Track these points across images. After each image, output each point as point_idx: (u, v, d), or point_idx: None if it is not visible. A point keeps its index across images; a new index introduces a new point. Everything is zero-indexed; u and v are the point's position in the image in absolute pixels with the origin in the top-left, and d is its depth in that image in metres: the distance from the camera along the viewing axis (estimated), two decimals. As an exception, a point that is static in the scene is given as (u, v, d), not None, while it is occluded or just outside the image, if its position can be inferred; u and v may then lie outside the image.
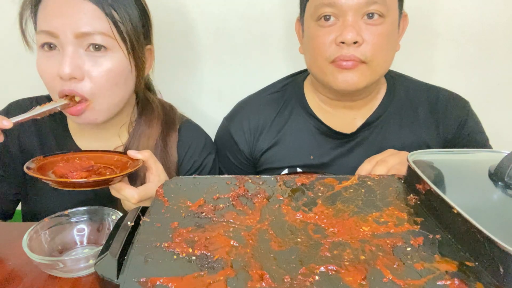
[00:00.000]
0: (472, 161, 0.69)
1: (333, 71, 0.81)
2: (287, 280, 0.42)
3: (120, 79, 0.76)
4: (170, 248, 0.48)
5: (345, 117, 0.91)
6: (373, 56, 0.79)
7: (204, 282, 0.41)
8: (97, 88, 0.73)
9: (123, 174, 0.67)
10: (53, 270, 0.57)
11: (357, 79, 0.80)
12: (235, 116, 0.98)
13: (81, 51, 0.72)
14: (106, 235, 0.66)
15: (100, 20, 0.72)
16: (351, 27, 0.76)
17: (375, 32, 0.78)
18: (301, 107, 0.93)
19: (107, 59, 0.73)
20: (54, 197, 0.84)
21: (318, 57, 0.82)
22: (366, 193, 0.61)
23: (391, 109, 0.91)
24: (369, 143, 0.90)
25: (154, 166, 0.73)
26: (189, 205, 0.58)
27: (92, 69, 0.72)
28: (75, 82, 0.72)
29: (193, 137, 0.93)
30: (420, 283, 0.41)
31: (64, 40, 0.70)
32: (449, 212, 0.49)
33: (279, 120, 0.94)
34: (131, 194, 0.68)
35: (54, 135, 0.85)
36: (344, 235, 0.50)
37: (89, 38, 0.71)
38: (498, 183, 0.56)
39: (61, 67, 0.70)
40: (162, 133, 0.87)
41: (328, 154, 0.91)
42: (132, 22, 0.76)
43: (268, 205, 0.58)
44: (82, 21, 0.70)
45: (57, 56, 0.72)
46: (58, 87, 0.72)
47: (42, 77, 0.74)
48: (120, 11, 0.74)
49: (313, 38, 0.82)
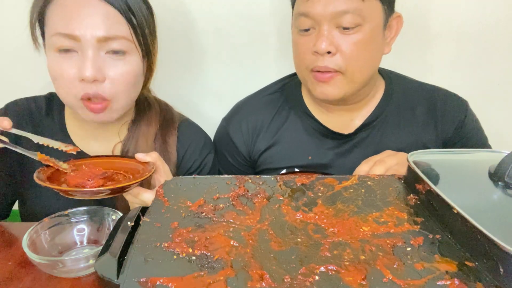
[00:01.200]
0: (472, 161, 0.69)
1: (312, 81, 0.82)
2: (287, 280, 0.42)
3: (136, 80, 0.78)
4: (170, 248, 0.48)
5: (342, 118, 0.91)
6: (347, 66, 0.78)
7: (204, 282, 0.41)
8: (117, 89, 0.75)
9: (140, 180, 0.67)
10: (53, 270, 0.57)
11: (334, 91, 0.80)
12: (233, 117, 0.98)
13: (102, 53, 0.73)
14: (106, 235, 0.66)
15: (121, 25, 0.73)
16: (324, 37, 0.76)
17: (350, 41, 0.77)
18: (299, 107, 0.93)
19: (126, 62, 0.75)
20: (52, 198, 0.84)
21: (300, 64, 0.84)
22: (366, 193, 0.61)
23: (389, 110, 0.91)
24: (367, 144, 0.90)
25: (162, 167, 0.74)
26: (189, 205, 0.58)
27: (112, 71, 0.73)
28: (97, 84, 0.72)
29: (193, 136, 0.93)
30: (420, 283, 0.41)
31: (86, 43, 0.70)
32: (449, 212, 0.49)
33: (277, 121, 0.94)
34: (149, 198, 0.68)
35: (51, 134, 0.85)
36: (344, 235, 0.50)
37: (111, 42, 0.72)
38: (498, 183, 0.56)
39: (83, 70, 0.70)
40: (160, 131, 0.88)
41: (326, 155, 0.91)
42: (148, 26, 0.78)
43: (268, 205, 0.58)
44: (104, 25, 0.71)
45: (75, 58, 0.72)
46: (78, 90, 0.73)
47: (58, 79, 0.74)
48: (138, 15, 0.75)
49: (295, 45, 0.84)
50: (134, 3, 0.75)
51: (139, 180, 0.67)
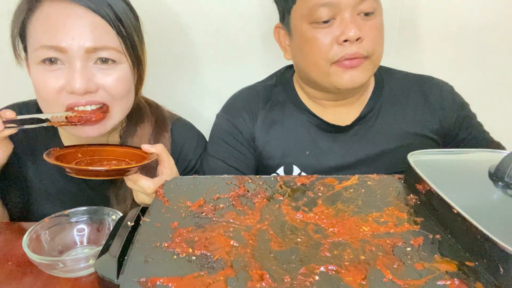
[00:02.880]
0: (472, 161, 0.69)
1: (337, 72, 0.80)
2: (287, 280, 0.42)
3: (130, 87, 0.77)
4: (170, 248, 0.48)
5: (337, 113, 0.91)
6: (374, 50, 0.80)
7: (204, 282, 0.41)
8: (113, 96, 0.74)
9: (140, 164, 0.70)
10: (53, 270, 0.57)
11: (363, 75, 0.81)
12: (232, 106, 0.96)
13: (90, 64, 0.71)
14: (106, 235, 0.66)
15: (110, 35, 0.71)
16: (352, 23, 0.76)
17: (372, 26, 0.79)
18: (293, 102, 0.93)
19: (116, 70, 0.73)
20: (48, 202, 0.84)
21: (318, 59, 0.81)
22: (366, 193, 0.61)
23: (383, 100, 0.92)
24: (364, 135, 0.90)
25: (167, 159, 0.74)
26: (189, 205, 0.58)
27: (104, 79, 0.72)
28: (89, 95, 0.71)
29: (186, 135, 0.93)
30: (420, 283, 0.41)
31: (73, 55, 0.68)
32: (449, 212, 0.49)
33: (273, 111, 0.93)
34: (147, 185, 0.69)
35: (45, 140, 0.84)
36: (344, 235, 0.50)
37: (99, 53, 0.71)
38: (498, 183, 0.56)
39: (73, 82, 0.68)
40: (154, 134, 0.87)
41: (323, 149, 0.90)
42: (137, 33, 0.76)
43: (268, 205, 0.58)
44: (93, 35, 0.69)
45: (62, 71, 0.70)
46: (64, 101, 0.71)
47: (42, 92, 0.71)
48: (126, 23, 0.73)
49: (311, 41, 0.80)
50: (122, 12, 0.73)
51: (137, 165, 0.69)
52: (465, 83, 1.00)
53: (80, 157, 0.76)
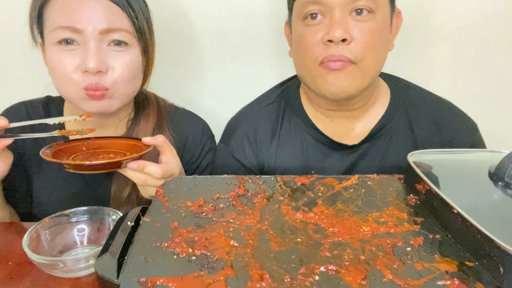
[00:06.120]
0: (472, 161, 0.69)
1: (322, 74, 0.76)
2: (287, 280, 0.42)
3: (136, 72, 0.80)
4: (170, 248, 0.48)
5: (343, 127, 0.87)
6: (363, 56, 0.73)
7: (204, 282, 0.41)
8: (119, 79, 0.76)
9: (134, 156, 0.69)
10: (53, 270, 0.57)
11: (346, 82, 0.75)
12: (231, 136, 0.92)
13: (104, 45, 0.75)
14: (106, 235, 0.66)
15: (122, 19, 0.75)
16: (339, 24, 0.71)
17: (364, 28, 0.72)
18: (299, 117, 0.89)
19: (127, 54, 0.77)
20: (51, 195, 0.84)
21: (306, 59, 0.77)
22: (366, 193, 0.61)
23: (396, 120, 0.86)
24: (372, 156, 0.86)
25: (169, 149, 0.75)
26: (189, 205, 0.58)
27: (115, 62, 0.75)
28: (100, 75, 0.74)
29: (191, 125, 0.94)
30: (420, 283, 0.41)
31: (88, 36, 0.72)
32: (449, 212, 0.49)
33: (278, 135, 0.89)
34: (154, 170, 0.70)
35: (50, 137, 0.85)
36: (344, 235, 0.50)
37: (113, 34, 0.74)
38: (498, 183, 0.56)
39: (87, 61, 0.72)
40: (158, 126, 0.88)
41: (330, 169, 0.86)
42: (147, 22, 0.80)
43: (268, 205, 0.58)
44: (107, 18, 0.73)
45: (77, 51, 0.74)
46: (80, 81, 0.74)
47: (58, 71, 0.75)
48: (137, 11, 0.78)
49: (300, 39, 0.78)
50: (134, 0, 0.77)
51: (128, 158, 0.69)
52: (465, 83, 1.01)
53: (85, 150, 0.77)
